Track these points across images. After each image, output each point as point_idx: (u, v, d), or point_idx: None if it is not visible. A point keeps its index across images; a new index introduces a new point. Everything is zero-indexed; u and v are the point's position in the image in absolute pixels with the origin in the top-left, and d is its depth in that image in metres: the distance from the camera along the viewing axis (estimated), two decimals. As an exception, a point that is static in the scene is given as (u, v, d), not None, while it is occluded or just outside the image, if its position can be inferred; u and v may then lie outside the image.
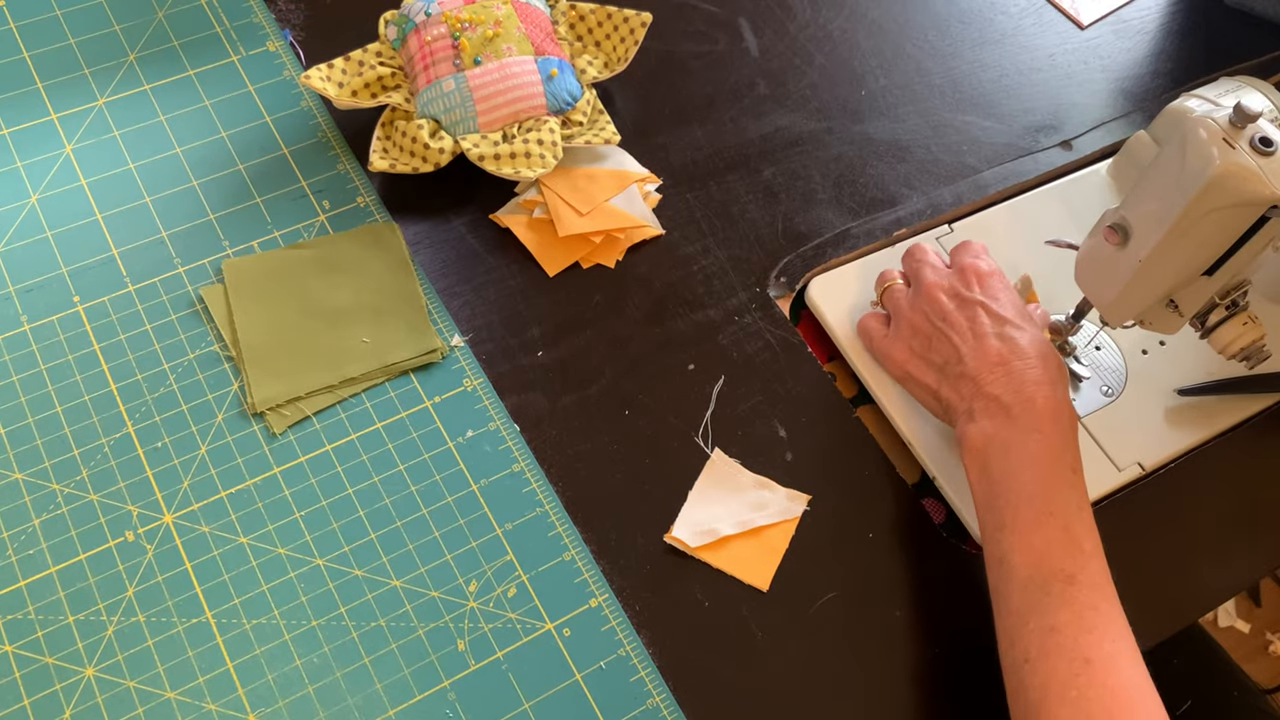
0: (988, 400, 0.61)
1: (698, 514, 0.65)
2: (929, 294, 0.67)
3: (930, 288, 0.67)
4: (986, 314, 0.65)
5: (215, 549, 0.61)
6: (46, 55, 0.78)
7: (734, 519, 0.64)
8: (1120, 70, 0.87)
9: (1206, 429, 0.71)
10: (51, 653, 0.58)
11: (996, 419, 0.60)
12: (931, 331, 0.66)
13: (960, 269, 0.68)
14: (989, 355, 0.63)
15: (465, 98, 0.72)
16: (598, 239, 0.73)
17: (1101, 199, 0.79)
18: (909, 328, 0.67)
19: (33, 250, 0.70)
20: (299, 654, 0.59)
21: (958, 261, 0.69)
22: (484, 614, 0.61)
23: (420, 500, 0.64)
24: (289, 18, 0.82)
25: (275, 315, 0.68)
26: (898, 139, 0.82)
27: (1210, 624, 1.52)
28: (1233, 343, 0.63)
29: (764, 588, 0.63)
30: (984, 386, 0.62)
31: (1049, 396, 0.60)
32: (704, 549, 0.64)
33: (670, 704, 0.59)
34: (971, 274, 0.67)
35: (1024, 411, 0.60)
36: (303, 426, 0.65)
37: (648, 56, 0.82)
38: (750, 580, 0.63)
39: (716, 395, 0.69)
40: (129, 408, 0.65)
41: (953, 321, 0.65)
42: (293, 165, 0.75)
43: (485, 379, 0.68)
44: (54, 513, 0.62)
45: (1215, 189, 0.55)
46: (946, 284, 0.67)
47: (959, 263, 0.68)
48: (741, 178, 0.78)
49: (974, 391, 0.62)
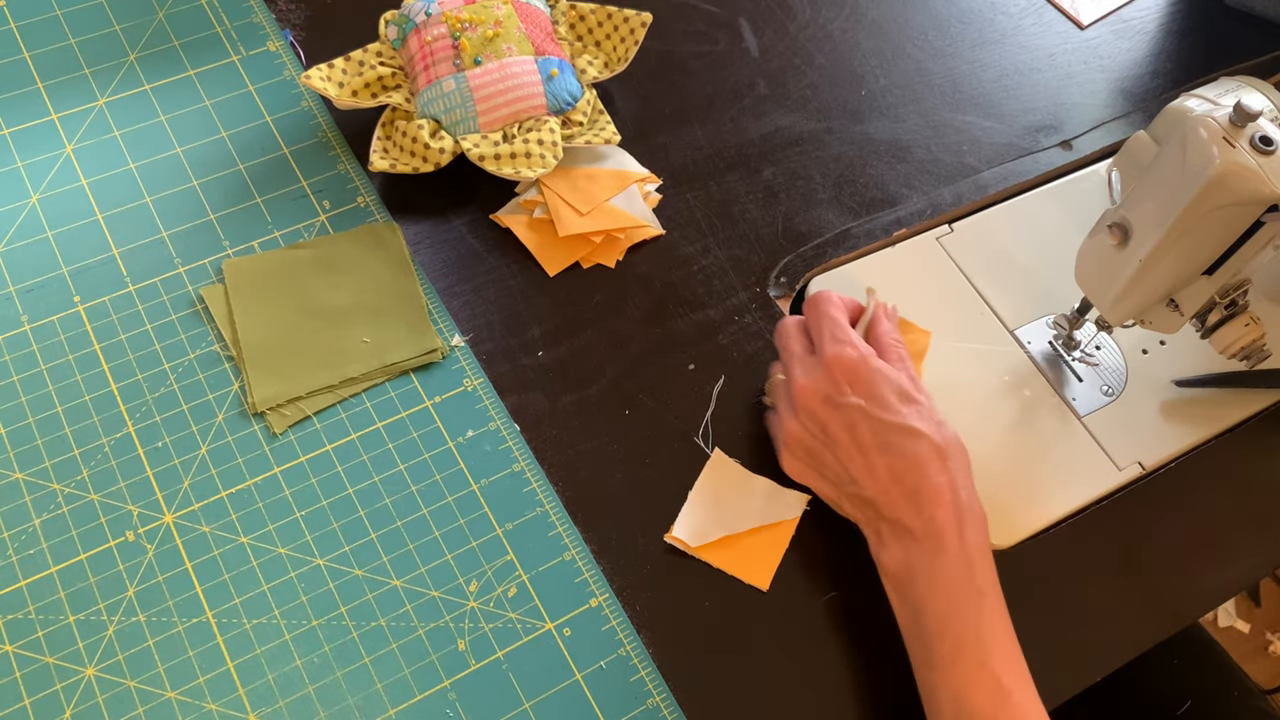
0: (891, 524, 0.59)
1: (698, 514, 0.65)
2: (803, 404, 0.62)
3: (801, 394, 0.62)
4: (866, 422, 0.59)
5: (215, 549, 0.61)
6: (47, 55, 0.78)
7: (734, 519, 0.64)
8: (1120, 70, 0.87)
9: (1207, 428, 0.71)
10: (52, 652, 0.58)
11: (904, 541, 0.58)
12: (817, 447, 0.62)
13: (826, 366, 0.61)
14: (879, 476, 0.59)
15: (465, 98, 0.72)
16: (598, 239, 0.73)
17: (1101, 199, 0.79)
18: (794, 440, 0.63)
19: (33, 250, 0.70)
20: (299, 654, 0.59)
21: (819, 350, 0.62)
22: (484, 614, 0.61)
23: (420, 500, 0.64)
24: (289, 18, 0.82)
25: (275, 315, 0.68)
26: (898, 139, 0.82)
27: (1210, 624, 1.52)
28: (1234, 343, 0.63)
29: (764, 587, 0.63)
30: (883, 510, 0.59)
31: (949, 505, 0.57)
32: (704, 549, 0.64)
33: (670, 704, 0.59)
34: (838, 372, 0.61)
35: (927, 533, 0.57)
36: (303, 426, 0.65)
37: (648, 56, 0.82)
38: (751, 580, 0.63)
39: (717, 395, 0.69)
40: (129, 407, 0.65)
41: (834, 435, 0.61)
42: (293, 165, 0.75)
43: (485, 379, 0.68)
44: (54, 512, 0.62)
45: (1215, 188, 0.55)
46: (818, 388, 0.61)
47: (821, 353, 0.62)
48: (741, 178, 0.78)
49: (875, 515, 0.60)
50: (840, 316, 0.64)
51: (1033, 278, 0.75)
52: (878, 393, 0.60)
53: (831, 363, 0.61)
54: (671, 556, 0.64)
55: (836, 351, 0.61)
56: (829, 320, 0.63)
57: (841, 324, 0.63)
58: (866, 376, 0.60)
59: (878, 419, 0.59)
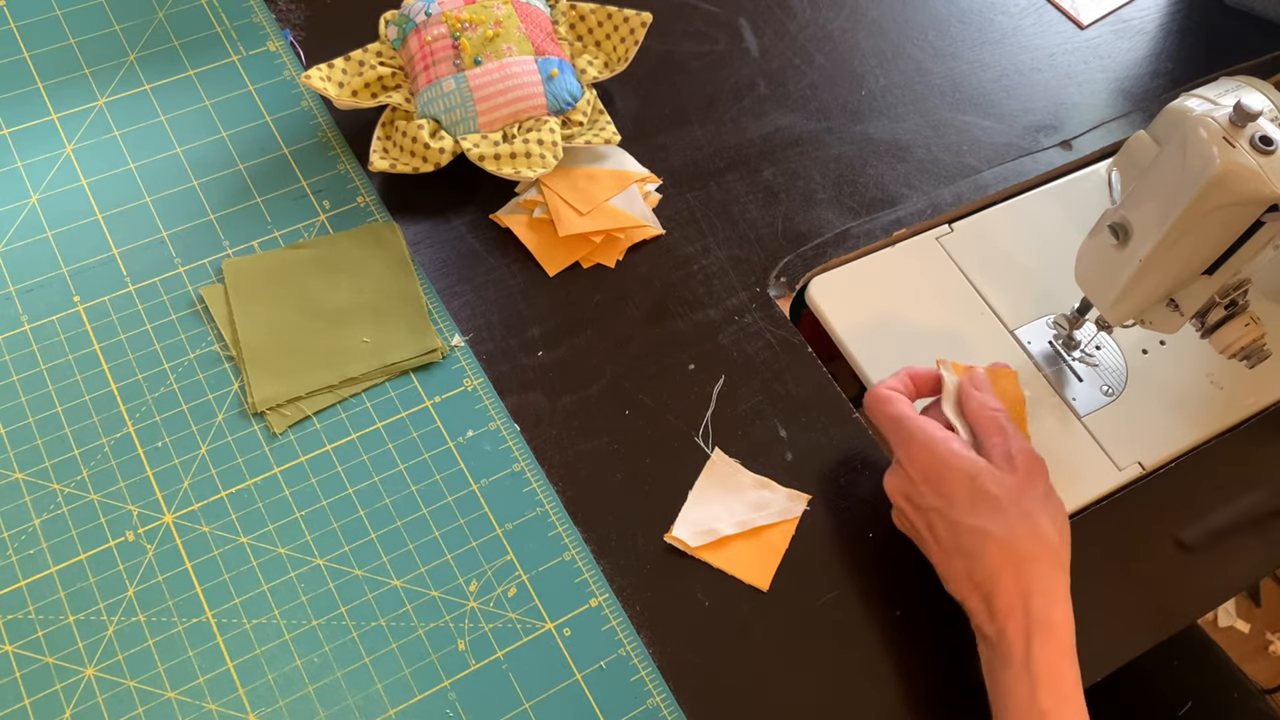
0: (974, 615, 0.59)
1: (698, 514, 0.65)
2: (893, 499, 0.63)
3: (890, 493, 0.63)
4: (943, 523, 0.59)
5: (215, 549, 0.61)
6: (47, 55, 0.78)
7: (734, 519, 0.64)
8: (1120, 70, 0.87)
9: (1206, 428, 0.71)
10: (52, 652, 0.58)
11: (985, 642, 0.58)
12: (913, 533, 0.63)
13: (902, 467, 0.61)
14: (960, 579, 0.59)
15: (465, 98, 0.72)
16: (598, 239, 0.73)
17: (1101, 199, 0.79)
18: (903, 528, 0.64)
19: (33, 250, 0.70)
20: (299, 654, 0.59)
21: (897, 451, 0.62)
22: (484, 614, 0.61)
23: (420, 500, 0.64)
24: (289, 18, 0.82)
25: (275, 315, 0.68)
26: (898, 139, 0.82)
27: (1210, 624, 1.52)
28: (1234, 343, 0.63)
29: (764, 587, 0.63)
30: (966, 602, 0.59)
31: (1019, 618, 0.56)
32: (704, 549, 0.64)
33: (670, 704, 0.59)
34: (913, 472, 0.60)
35: (999, 641, 0.56)
36: (303, 426, 0.65)
37: (648, 56, 0.82)
38: (750, 580, 0.63)
39: (716, 395, 0.69)
40: (129, 407, 0.65)
41: (919, 532, 0.61)
42: (293, 165, 0.75)
43: (485, 379, 0.68)
44: (54, 512, 0.62)
45: (1216, 188, 0.55)
46: (900, 487, 0.62)
47: (899, 457, 0.62)
48: (741, 178, 0.78)
49: (963, 600, 0.59)
50: (899, 413, 0.62)
51: (1033, 278, 0.75)
52: (948, 491, 0.59)
53: (906, 465, 0.61)
54: (671, 556, 0.64)
55: (906, 455, 0.61)
56: (888, 421, 0.62)
57: (904, 422, 0.61)
58: (937, 475, 0.59)
59: (952, 521, 0.59)
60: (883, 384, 0.63)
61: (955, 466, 0.59)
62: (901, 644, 0.63)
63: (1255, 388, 0.73)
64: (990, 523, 0.57)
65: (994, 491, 0.58)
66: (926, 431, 0.60)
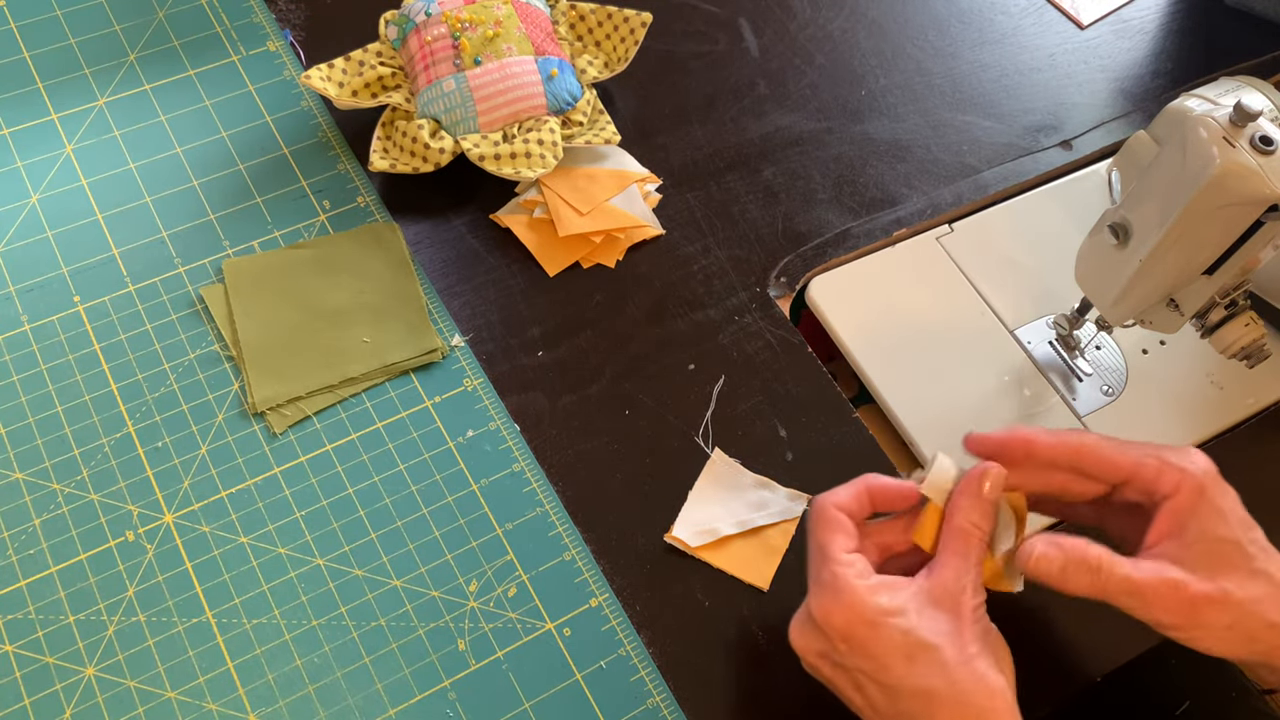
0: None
1: (697, 514, 0.65)
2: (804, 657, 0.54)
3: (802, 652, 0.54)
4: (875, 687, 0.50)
5: (215, 549, 0.61)
6: (47, 55, 0.78)
7: (734, 519, 0.64)
8: (1120, 70, 0.87)
9: (1206, 429, 0.71)
10: (52, 652, 0.58)
11: None
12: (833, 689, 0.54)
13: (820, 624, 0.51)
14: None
15: (465, 98, 0.72)
16: (598, 239, 0.73)
17: (1101, 199, 0.79)
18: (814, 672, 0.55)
19: (33, 250, 0.70)
20: (299, 654, 0.59)
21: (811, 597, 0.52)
22: (484, 614, 0.61)
23: (420, 500, 0.64)
24: (289, 18, 0.82)
25: (275, 315, 0.68)
26: (898, 139, 0.82)
27: (1210, 624, 1.51)
28: (1234, 343, 0.63)
29: (764, 587, 0.63)
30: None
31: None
32: (704, 549, 0.64)
33: (670, 704, 0.59)
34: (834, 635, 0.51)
35: None
36: (303, 426, 0.65)
37: (648, 56, 0.82)
38: (750, 580, 0.63)
39: (716, 395, 0.69)
40: (129, 407, 0.65)
41: (844, 693, 0.53)
42: (293, 165, 0.75)
43: (485, 379, 0.68)
44: (54, 512, 0.62)
45: (1216, 188, 0.55)
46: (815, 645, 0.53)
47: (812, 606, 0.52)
48: (741, 178, 0.78)
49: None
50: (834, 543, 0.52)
51: (1033, 278, 0.75)
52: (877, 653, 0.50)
53: (820, 620, 0.51)
54: (671, 556, 0.64)
55: (820, 607, 0.51)
56: (818, 551, 0.52)
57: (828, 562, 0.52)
58: (861, 637, 0.50)
59: (886, 685, 0.50)
60: (833, 497, 0.54)
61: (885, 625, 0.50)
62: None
63: (1255, 388, 0.73)
64: (934, 679, 0.49)
65: (933, 641, 0.49)
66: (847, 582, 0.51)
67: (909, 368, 0.71)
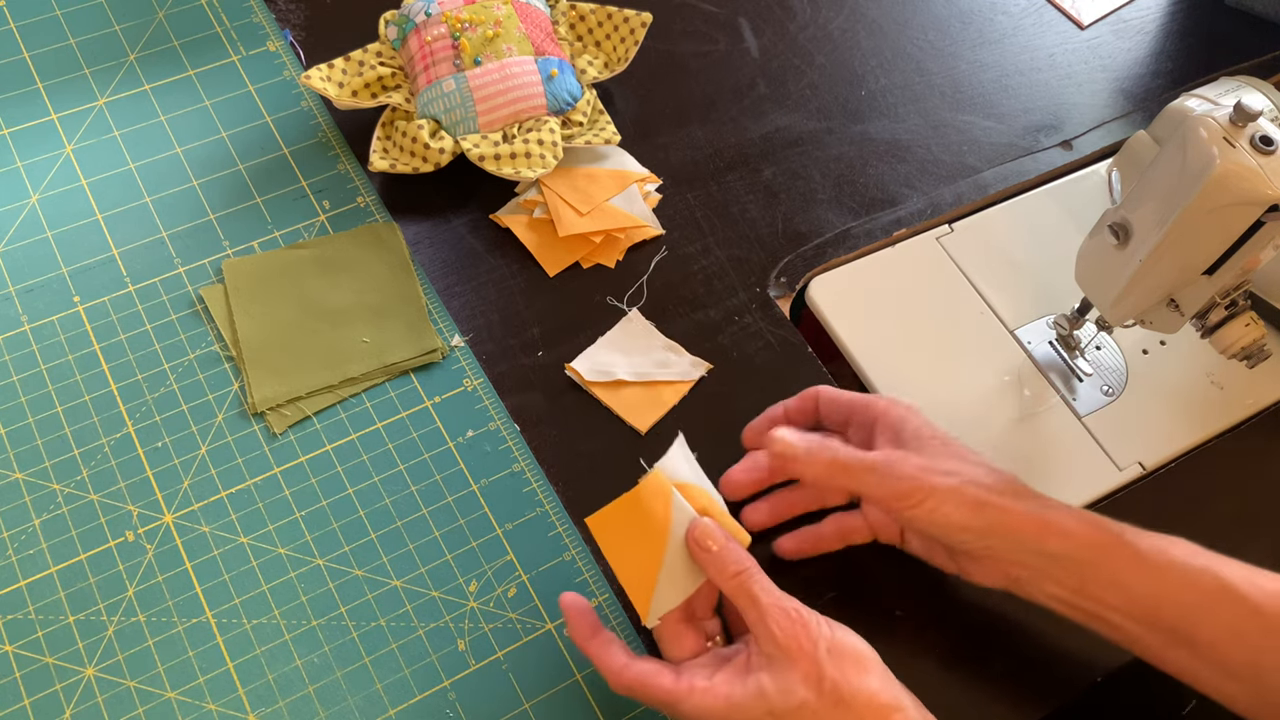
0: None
1: (602, 356, 0.69)
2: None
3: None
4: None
5: (215, 549, 0.61)
6: (46, 55, 0.78)
7: (634, 370, 0.68)
8: (1120, 70, 0.87)
9: (1207, 429, 0.71)
10: (52, 653, 0.58)
11: None
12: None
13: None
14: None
15: (465, 98, 0.72)
16: (598, 239, 0.73)
17: (1101, 199, 0.79)
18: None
19: (33, 250, 0.70)
20: (299, 654, 0.59)
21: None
22: (484, 614, 0.61)
23: (420, 500, 0.64)
24: (289, 18, 0.82)
25: (275, 315, 0.68)
26: (898, 139, 0.82)
27: (1211, 624, 1.52)
28: (1234, 343, 0.63)
29: (643, 431, 0.66)
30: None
31: None
32: (597, 385, 0.67)
33: (670, 704, 0.59)
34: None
35: None
36: (303, 426, 0.65)
37: (648, 56, 0.82)
38: (632, 422, 0.67)
39: (716, 395, 0.69)
40: (129, 408, 0.65)
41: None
42: (293, 165, 0.75)
43: (485, 379, 0.68)
44: (54, 513, 0.62)
45: (1216, 188, 0.55)
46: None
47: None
48: (741, 178, 0.78)
49: None
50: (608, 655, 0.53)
51: (1033, 278, 0.75)
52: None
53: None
54: (671, 556, 0.64)
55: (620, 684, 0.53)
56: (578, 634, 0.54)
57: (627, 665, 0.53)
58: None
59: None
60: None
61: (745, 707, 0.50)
62: (901, 644, 0.63)
63: (1255, 388, 0.73)
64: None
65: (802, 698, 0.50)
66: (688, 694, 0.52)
67: (909, 368, 0.71)
